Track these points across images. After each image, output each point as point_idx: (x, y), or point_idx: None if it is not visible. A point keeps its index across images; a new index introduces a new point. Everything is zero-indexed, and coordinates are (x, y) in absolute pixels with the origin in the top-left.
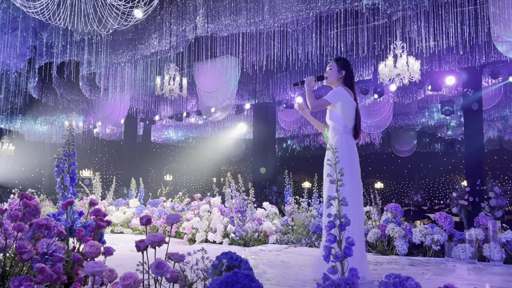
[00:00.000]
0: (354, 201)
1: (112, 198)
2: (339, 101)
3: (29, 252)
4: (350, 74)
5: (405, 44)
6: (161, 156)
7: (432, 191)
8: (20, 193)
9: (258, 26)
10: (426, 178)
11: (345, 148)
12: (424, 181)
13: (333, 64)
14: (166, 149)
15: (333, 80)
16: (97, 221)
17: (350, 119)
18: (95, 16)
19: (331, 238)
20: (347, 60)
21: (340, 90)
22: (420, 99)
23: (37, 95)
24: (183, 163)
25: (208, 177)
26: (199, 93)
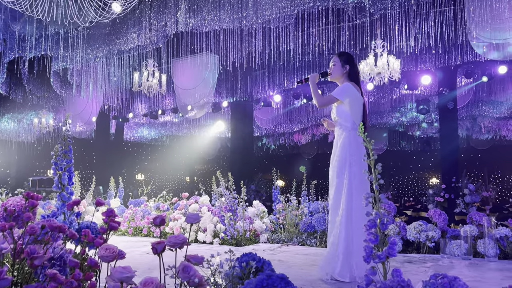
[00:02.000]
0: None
1: (92, 197)
2: (347, 97)
3: (41, 258)
4: (355, 68)
5: (385, 43)
6: (133, 155)
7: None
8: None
9: (242, 22)
10: (395, 176)
11: (354, 145)
12: (393, 179)
13: (336, 59)
14: (139, 147)
15: (337, 75)
16: (109, 222)
17: (358, 115)
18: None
19: (372, 238)
20: (350, 54)
21: (348, 86)
22: (396, 98)
23: (4, 91)
24: (156, 162)
25: (180, 176)
26: (177, 90)
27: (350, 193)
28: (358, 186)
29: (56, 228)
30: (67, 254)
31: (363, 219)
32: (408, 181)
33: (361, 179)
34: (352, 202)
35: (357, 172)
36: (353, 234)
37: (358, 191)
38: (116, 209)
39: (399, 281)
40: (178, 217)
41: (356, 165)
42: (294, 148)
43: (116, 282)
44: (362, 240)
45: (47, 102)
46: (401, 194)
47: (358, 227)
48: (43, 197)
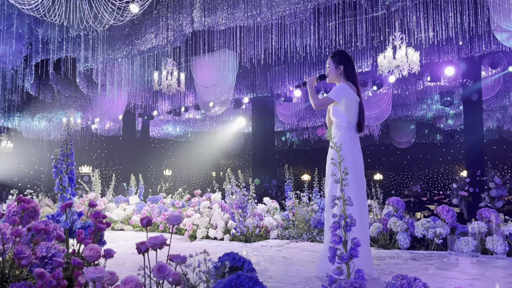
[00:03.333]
0: (357, 198)
1: (112, 195)
2: (342, 98)
3: (28, 258)
4: (350, 67)
5: (404, 35)
6: (160, 151)
7: (431, 182)
8: (18, 196)
9: (256, 19)
10: (425, 169)
11: (348, 145)
12: (423, 172)
13: (330, 61)
14: (165, 144)
15: (333, 77)
16: (96, 223)
17: (354, 114)
18: (91, 11)
19: (336, 239)
20: (345, 53)
21: (343, 87)
22: (420, 90)
23: (34, 92)
24: (182, 158)
25: (207, 172)
26: (197, 88)
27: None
28: (353, 185)
29: (40, 230)
30: (60, 253)
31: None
32: (438, 174)
33: (355, 179)
34: None
35: (352, 172)
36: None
37: (352, 191)
38: (135, 206)
39: (351, 282)
40: (190, 214)
41: (350, 164)
42: (318, 142)
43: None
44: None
45: (75, 101)
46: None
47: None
48: None
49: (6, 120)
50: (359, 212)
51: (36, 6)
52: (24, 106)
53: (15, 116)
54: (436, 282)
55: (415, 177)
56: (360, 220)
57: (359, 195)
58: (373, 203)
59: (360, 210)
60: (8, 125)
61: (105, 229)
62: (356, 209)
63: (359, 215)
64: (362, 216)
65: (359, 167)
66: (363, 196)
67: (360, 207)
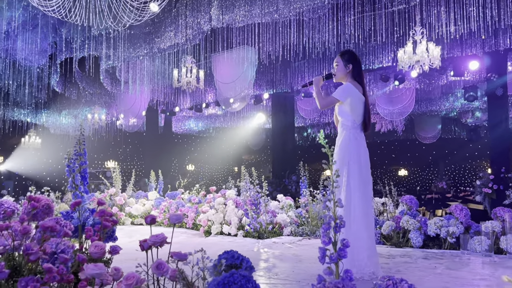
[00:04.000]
0: (362, 196)
1: (133, 190)
2: (348, 97)
3: (36, 254)
4: (358, 66)
5: (424, 29)
6: (183, 146)
7: (457, 178)
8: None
9: (273, 16)
10: (451, 165)
11: (353, 144)
12: (449, 168)
13: (339, 59)
14: (188, 139)
15: (341, 75)
16: (102, 221)
17: (359, 114)
18: (110, 12)
19: (326, 240)
20: (353, 52)
21: (348, 86)
22: (443, 85)
23: (60, 89)
24: (205, 153)
25: (229, 167)
26: (217, 84)
27: (349, 192)
28: (358, 184)
29: (47, 228)
30: (68, 250)
31: (362, 217)
32: (465, 170)
33: (360, 177)
34: (351, 200)
35: (356, 170)
36: (352, 231)
37: (357, 189)
38: (154, 201)
39: (335, 283)
40: (206, 210)
41: (355, 164)
42: None
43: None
44: (360, 237)
45: (100, 98)
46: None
47: (357, 224)
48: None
49: (34, 116)
50: (365, 211)
51: (58, 7)
52: (50, 103)
53: (43, 113)
54: (442, 282)
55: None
56: (365, 218)
57: (365, 193)
58: (387, 201)
59: (365, 208)
60: (36, 121)
61: (111, 227)
62: (361, 207)
63: (365, 213)
64: (367, 214)
65: (364, 166)
66: (368, 194)
67: (365, 205)
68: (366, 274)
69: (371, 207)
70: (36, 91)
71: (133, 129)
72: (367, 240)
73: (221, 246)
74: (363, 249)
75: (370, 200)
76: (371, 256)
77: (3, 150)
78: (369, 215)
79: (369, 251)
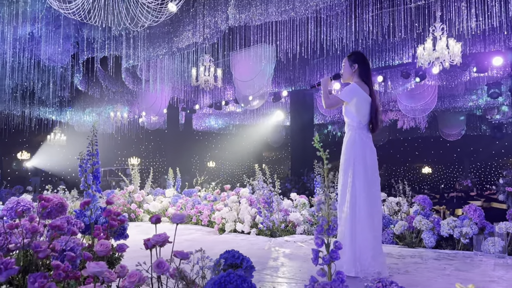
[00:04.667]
0: (367, 197)
1: (151, 187)
2: (353, 98)
3: (44, 251)
4: (364, 66)
5: (444, 26)
6: (204, 143)
7: (483, 176)
8: (39, 195)
9: (290, 14)
10: (477, 162)
11: (358, 144)
12: (474, 166)
13: (345, 60)
14: (208, 136)
15: (348, 76)
16: (109, 220)
17: (364, 114)
18: (128, 14)
19: (319, 242)
20: (361, 53)
21: (353, 86)
22: (467, 81)
23: (83, 88)
24: (225, 150)
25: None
26: (236, 82)
27: (354, 192)
28: (363, 184)
29: (55, 227)
30: (77, 247)
31: (367, 217)
32: (491, 168)
33: (366, 178)
34: (356, 200)
35: (362, 171)
36: (356, 231)
37: (362, 190)
38: (171, 198)
39: (323, 284)
40: (220, 208)
41: (360, 164)
42: None
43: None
44: (365, 237)
45: (122, 96)
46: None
47: (362, 224)
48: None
49: (59, 114)
50: (370, 211)
51: (77, 10)
52: (74, 101)
53: (67, 111)
54: (448, 284)
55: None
56: (370, 219)
57: (370, 194)
58: (401, 201)
59: (370, 208)
60: (60, 119)
61: (117, 226)
62: (366, 208)
63: (370, 214)
64: (373, 215)
65: (370, 167)
66: (374, 195)
67: (371, 206)
68: (370, 274)
69: (378, 207)
70: (60, 89)
71: (154, 126)
72: (372, 241)
73: (233, 244)
74: (368, 249)
75: (376, 200)
76: (376, 256)
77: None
78: (374, 215)
79: (374, 251)
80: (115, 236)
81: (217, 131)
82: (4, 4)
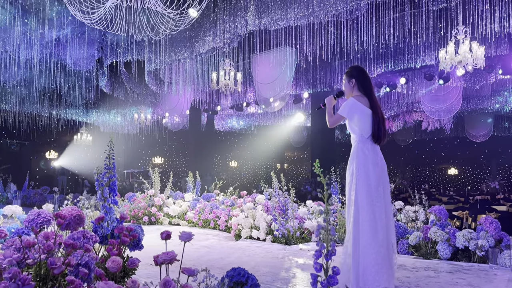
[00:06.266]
0: (370, 211)
1: (171, 189)
2: (351, 112)
3: (59, 268)
4: (362, 79)
5: (467, 29)
6: (226, 143)
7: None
8: (56, 213)
9: (309, 19)
10: (505, 164)
11: (361, 158)
12: (502, 167)
13: (344, 77)
14: (230, 136)
15: (348, 92)
16: (121, 237)
17: (365, 128)
18: (148, 23)
19: (317, 267)
20: (357, 67)
21: (351, 102)
22: (493, 83)
23: (108, 90)
24: (247, 150)
25: (272, 163)
26: (256, 85)
27: (357, 207)
28: (365, 200)
29: (69, 245)
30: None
31: (370, 232)
32: None
33: (368, 193)
34: (359, 216)
35: (364, 186)
36: (360, 247)
37: (365, 204)
38: (190, 202)
39: None
40: (236, 214)
41: (362, 179)
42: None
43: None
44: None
45: (145, 98)
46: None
47: (364, 240)
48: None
49: (85, 115)
50: (373, 225)
51: (100, 20)
52: (100, 103)
53: (93, 112)
54: None
55: (493, 172)
56: (373, 233)
57: (373, 208)
58: (418, 209)
59: (374, 223)
60: (86, 120)
61: (128, 242)
62: (368, 222)
63: (373, 228)
64: (377, 230)
65: (374, 180)
66: (378, 209)
67: (374, 221)
68: (364, 286)
69: (383, 220)
70: (86, 92)
71: (177, 127)
72: (375, 256)
73: (249, 252)
74: (371, 265)
75: (381, 215)
76: (381, 272)
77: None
78: (379, 230)
79: (378, 267)
80: (130, 247)
81: (239, 132)
82: (32, 12)
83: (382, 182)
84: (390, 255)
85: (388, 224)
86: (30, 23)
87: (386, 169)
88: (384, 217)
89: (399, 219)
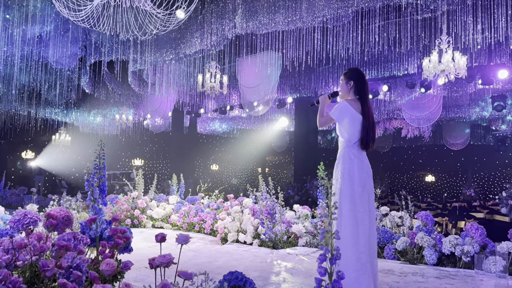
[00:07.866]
0: (352, 216)
1: (155, 192)
2: (341, 116)
3: (51, 270)
4: (360, 83)
5: (451, 38)
6: (208, 146)
7: (486, 186)
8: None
9: (296, 24)
10: (480, 172)
11: (347, 162)
12: (478, 175)
13: (342, 77)
14: (212, 140)
15: (344, 93)
16: (115, 239)
17: (353, 133)
18: (136, 22)
19: (322, 271)
20: (357, 69)
21: (343, 105)
22: (472, 92)
23: (90, 90)
24: (229, 153)
25: (253, 167)
26: (241, 88)
27: (340, 212)
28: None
29: (63, 247)
30: (83, 264)
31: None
32: (494, 178)
33: (352, 197)
34: (342, 220)
35: (348, 191)
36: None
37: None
38: (174, 205)
39: None
40: (223, 217)
41: (346, 183)
42: None
43: None
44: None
45: (127, 99)
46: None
47: (345, 245)
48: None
49: (65, 115)
50: (355, 230)
51: (87, 18)
52: (80, 103)
53: (73, 112)
54: None
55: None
56: (354, 239)
57: (356, 214)
58: (404, 215)
59: (355, 228)
60: (66, 119)
61: (123, 244)
62: (350, 228)
63: (354, 233)
64: (357, 235)
65: (358, 185)
66: (361, 216)
67: (356, 226)
68: None
69: (366, 226)
70: (66, 91)
71: (159, 129)
72: (355, 262)
73: (237, 256)
74: (350, 271)
75: (364, 220)
76: (361, 278)
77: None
78: (359, 236)
79: (358, 273)
80: (120, 250)
81: (221, 135)
82: (14, 7)
83: (367, 188)
84: (372, 261)
85: (370, 230)
86: (12, 18)
87: (371, 175)
88: (367, 223)
89: (385, 224)
